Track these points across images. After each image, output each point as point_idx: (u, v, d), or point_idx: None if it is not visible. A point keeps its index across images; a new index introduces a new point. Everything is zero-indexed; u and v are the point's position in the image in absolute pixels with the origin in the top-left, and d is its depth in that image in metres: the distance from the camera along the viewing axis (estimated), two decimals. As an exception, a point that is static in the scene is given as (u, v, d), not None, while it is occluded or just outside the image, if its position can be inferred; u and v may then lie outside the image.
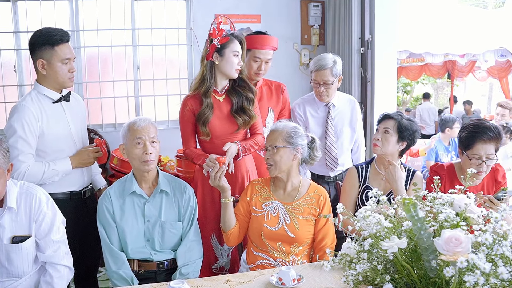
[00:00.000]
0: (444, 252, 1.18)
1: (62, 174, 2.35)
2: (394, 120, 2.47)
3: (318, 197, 2.30)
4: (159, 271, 2.25)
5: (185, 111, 2.53)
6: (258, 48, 2.81)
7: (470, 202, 1.36)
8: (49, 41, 2.26)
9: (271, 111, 2.96)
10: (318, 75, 2.85)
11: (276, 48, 2.91)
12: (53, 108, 2.36)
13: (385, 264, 1.35)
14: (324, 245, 2.23)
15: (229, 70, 2.49)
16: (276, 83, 3.03)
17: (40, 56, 2.28)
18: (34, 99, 2.31)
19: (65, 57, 2.30)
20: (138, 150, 2.20)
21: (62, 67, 2.31)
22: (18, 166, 2.20)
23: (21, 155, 2.22)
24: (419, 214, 1.21)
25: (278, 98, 2.99)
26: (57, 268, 1.97)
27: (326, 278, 1.86)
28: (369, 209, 1.40)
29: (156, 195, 2.27)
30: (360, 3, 4.14)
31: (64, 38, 2.30)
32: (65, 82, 2.36)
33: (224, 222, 2.28)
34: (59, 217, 2.02)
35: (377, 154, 2.48)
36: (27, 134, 2.23)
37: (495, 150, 2.31)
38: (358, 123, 3.07)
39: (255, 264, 2.25)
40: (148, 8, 4.42)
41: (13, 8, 4.12)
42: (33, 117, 2.25)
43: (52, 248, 1.96)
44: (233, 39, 2.49)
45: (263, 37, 2.84)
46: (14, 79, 4.20)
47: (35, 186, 1.99)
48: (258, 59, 2.82)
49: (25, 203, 1.91)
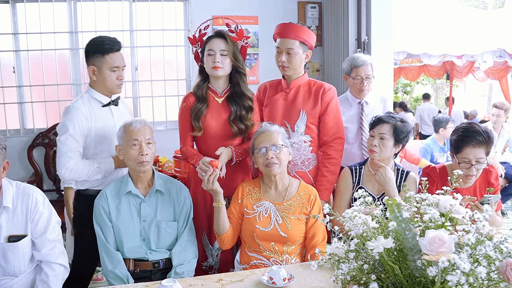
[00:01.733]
0: (428, 252, 1.21)
1: (105, 172, 2.48)
2: (389, 124, 2.44)
3: (308, 196, 2.32)
4: (155, 270, 2.27)
5: (183, 106, 2.57)
6: (278, 37, 2.62)
7: (455, 203, 1.38)
8: (100, 49, 2.42)
9: (303, 114, 2.63)
10: (362, 70, 3.00)
11: (304, 39, 2.57)
12: (102, 111, 2.51)
13: (372, 263, 1.37)
14: (316, 242, 2.26)
15: (207, 70, 2.50)
16: (319, 85, 2.67)
17: (92, 63, 2.45)
18: (85, 102, 2.47)
19: (113, 65, 2.44)
20: (134, 151, 2.23)
21: (111, 75, 2.45)
22: (67, 161, 2.37)
23: (70, 152, 2.38)
24: (403, 214, 1.23)
25: (316, 101, 2.62)
26: (52, 266, 1.99)
27: (316, 278, 1.88)
28: (356, 209, 1.42)
29: (152, 195, 2.29)
30: (357, 5, 4.17)
31: (114, 47, 2.44)
32: (113, 89, 2.51)
33: (218, 226, 2.27)
34: (55, 217, 2.04)
35: (375, 159, 2.47)
36: (77, 133, 2.39)
37: (485, 154, 2.31)
38: None
39: (249, 264, 2.27)
40: (146, 10, 4.45)
41: (12, 9, 4.15)
42: (83, 118, 2.41)
43: (48, 247, 1.99)
44: (209, 39, 2.48)
45: (281, 25, 2.61)
46: (13, 80, 4.23)
47: (31, 187, 2.02)
48: (279, 49, 2.60)
49: (21, 203, 1.93)
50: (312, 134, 2.64)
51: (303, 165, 2.65)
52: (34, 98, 4.31)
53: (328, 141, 2.63)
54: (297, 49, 2.56)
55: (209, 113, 2.51)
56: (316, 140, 2.66)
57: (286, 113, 2.64)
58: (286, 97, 2.66)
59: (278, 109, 2.66)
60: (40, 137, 4.24)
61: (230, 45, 2.47)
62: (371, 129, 2.52)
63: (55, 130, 4.19)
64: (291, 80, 2.66)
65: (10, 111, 4.28)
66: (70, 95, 4.36)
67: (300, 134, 2.63)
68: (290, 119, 2.64)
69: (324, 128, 2.63)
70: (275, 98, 2.69)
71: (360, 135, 3.07)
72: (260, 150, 2.28)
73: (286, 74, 2.65)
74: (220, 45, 2.45)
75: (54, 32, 4.25)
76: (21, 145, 4.26)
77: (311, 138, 2.64)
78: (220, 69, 2.45)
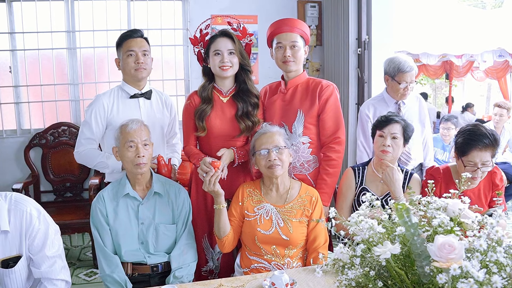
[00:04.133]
0: (437, 258, 1.16)
1: (112, 169, 2.53)
2: (399, 124, 2.42)
3: (310, 198, 2.29)
4: (153, 274, 2.23)
5: (188, 104, 2.54)
6: (277, 33, 2.50)
7: (464, 207, 1.34)
8: (120, 40, 2.55)
9: (301, 115, 2.51)
10: (408, 76, 2.98)
11: (304, 32, 2.50)
12: (128, 102, 2.58)
13: (378, 269, 1.33)
14: (317, 245, 2.22)
15: (214, 70, 2.47)
16: (317, 82, 2.54)
17: (118, 56, 2.60)
18: (112, 93, 2.59)
19: (128, 49, 2.51)
20: (130, 153, 2.19)
21: (128, 60, 2.53)
22: (78, 146, 2.55)
23: (83, 139, 2.54)
24: (412, 219, 1.19)
25: (313, 99, 2.50)
26: (53, 282, 1.87)
27: (319, 283, 1.85)
28: (362, 213, 1.38)
29: (150, 198, 2.25)
30: (357, 4, 4.13)
31: (132, 35, 2.55)
32: (132, 74, 2.55)
33: (219, 228, 2.23)
34: (53, 230, 1.90)
35: (387, 160, 2.41)
36: (93, 121, 2.52)
37: (491, 157, 2.27)
38: (427, 118, 3.20)
39: (250, 268, 2.23)
40: (144, 9, 4.41)
41: (8, 8, 4.11)
42: (102, 108, 2.52)
43: (47, 263, 1.85)
44: (214, 39, 2.44)
45: (280, 20, 2.51)
46: (9, 80, 4.19)
47: (23, 199, 1.86)
48: (281, 44, 2.48)
49: (14, 220, 1.78)
50: (311, 135, 2.53)
51: (303, 168, 2.55)
52: (31, 98, 4.26)
53: (328, 142, 2.51)
54: (300, 43, 2.48)
55: (214, 112, 2.48)
56: (316, 141, 2.55)
57: (283, 114, 2.55)
58: (284, 97, 2.58)
59: (275, 110, 2.58)
60: (37, 138, 4.19)
61: (237, 43, 2.44)
62: (379, 129, 2.46)
63: (52, 131, 4.18)
64: (289, 80, 2.57)
65: (6, 111, 4.24)
66: (67, 95, 4.32)
67: (298, 136, 2.52)
68: (287, 120, 2.54)
69: (323, 127, 2.52)
70: (273, 99, 2.61)
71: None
72: (262, 152, 2.24)
73: (291, 69, 2.52)
74: (227, 44, 2.41)
75: (51, 31, 4.21)
76: (18, 146, 4.22)
77: (310, 140, 2.53)
78: (229, 69, 2.43)
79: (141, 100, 2.58)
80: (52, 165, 4.22)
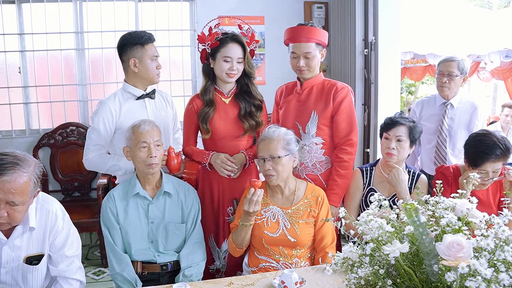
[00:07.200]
0: (445, 257, 1.18)
1: (125, 171, 2.50)
2: (404, 126, 2.42)
3: (316, 199, 2.29)
4: (163, 273, 2.26)
5: (189, 108, 2.55)
6: (291, 42, 2.52)
7: (472, 207, 1.35)
8: (139, 41, 2.47)
9: (314, 115, 2.54)
10: (444, 66, 2.97)
11: (319, 40, 2.50)
12: (135, 104, 2.55)
13: (387, 268, 1.35)
14: (325, 245, 2.23)
15: (219, 74, 2.47)
16: (332, 84, 2.56)
17: (132, 55, 2.48)
18: (117, 97, 2.53)
19: (153, 54, 2.50)
20: (142, 154, 2.21)
21: (152, 64, 2.50)
22: (87, 153, 2.50)
23: (91, 145, 2.49)
24: (421, 219, 1.21)
25: (328, 101, 2.51)
26: (69, 281, 1.94)
27: (328, 281, 1.86)
28: (371, 213, 1.40)
29: (160, 197, 2.28)
30: (364, 5, 4.13)
31: (151, 38, 2.51)
32: (154, 78, 2.54)
33: (243, 241, 2.22)
34: (74, 232, 1.99)
35: (392, 162, 2.43)
36: (101, 127, 2.46)
37: (503, 164, 2.26)
38: (477, 128, 2.99)
39: (258, 267, 2.24)
40: (152, 10, 4.43)
41: (18, 10, 4.15)
42: (109, 113, 2.47)
43: (65, 262, 1.93)
44: (225, 43, 2.42)
45: (292, 29, 2.51)
46: (18, 80, 4.23)
47: (49, 199, 1.94)
48: (295, 55, 2.51)
49: (40, 219, 1.86)
50: (324, 136, 2.55)
51: (315, 168, 2.58)
52: (39, 99, 4.29)
53: (340, 143, 2.53)
54: (314, 52, 2.49)
55: (217, 114, 2.50)
56: (329, 142, 2.57)
57: (298, 114, 2.59)
58: (299, 98, 2.61)
59: (290, 110, 2.62)
60: (46, 138, 4.23)
61: (246, 52, 2.47)
62: (385, 131, 2.48)
63: (61, 131, 4.21)
64: (304, 81, 2.60)
65: (15, 112, 4.27)
66: (76, 96, 4.35)
67: (312, 136, 2.55)
68: (301, 121, 2.57)
69: (336, 129, 2.54)
70: (288, 99, 2.65)
71: (436, 138, 3.06)
72: (260, 160, 2.26)
73: (305, 77, 2.57)
74: (237, 52, 2.43)
75: (59, 32, 4.24)
76: (27, 146, 4.25)
77: (323, 140, 2.55)
78: (235, 76, 2.46)
79: (146, 100, 2.58)
80: (60, 165, 4.26)
